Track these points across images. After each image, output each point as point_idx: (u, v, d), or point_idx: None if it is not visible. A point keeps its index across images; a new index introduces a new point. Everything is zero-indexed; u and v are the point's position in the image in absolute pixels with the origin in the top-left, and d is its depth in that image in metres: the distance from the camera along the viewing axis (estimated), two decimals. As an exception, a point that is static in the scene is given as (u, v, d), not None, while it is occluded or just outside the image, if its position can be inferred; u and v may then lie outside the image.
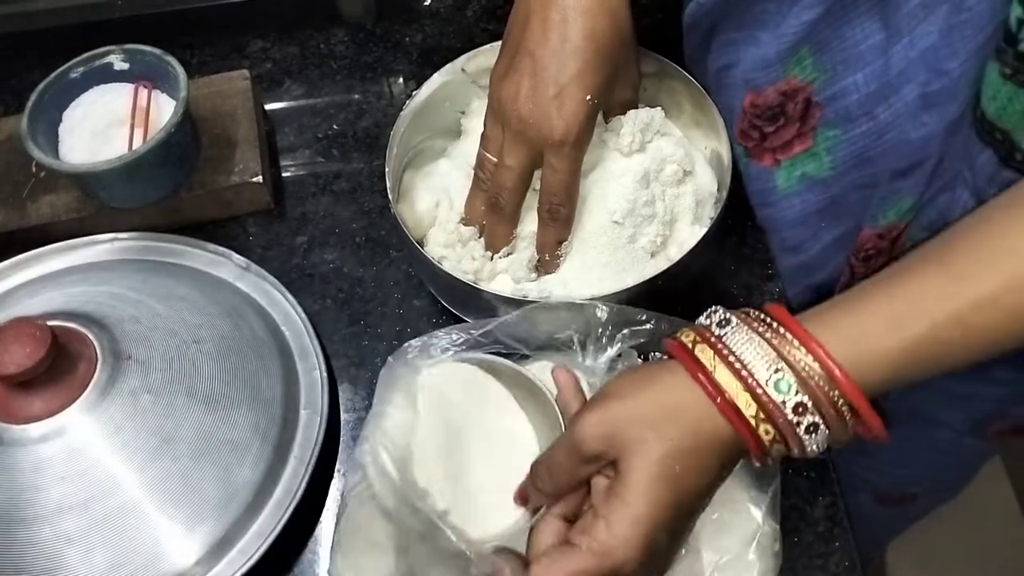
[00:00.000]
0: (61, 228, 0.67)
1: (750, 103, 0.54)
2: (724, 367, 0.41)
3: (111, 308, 0.57)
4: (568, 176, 0.54)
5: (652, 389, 0.43)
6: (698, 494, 0.42)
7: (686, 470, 0.41)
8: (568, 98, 0.52)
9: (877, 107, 0.48)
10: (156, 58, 0.66)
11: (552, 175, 0.54)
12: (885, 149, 0.48)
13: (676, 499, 0.41)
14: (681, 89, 0.64)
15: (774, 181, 0.55)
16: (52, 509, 0.50)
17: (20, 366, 0.49)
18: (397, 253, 0.68)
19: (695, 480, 0.41)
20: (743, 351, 0.41)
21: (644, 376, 0.44)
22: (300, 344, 0.61)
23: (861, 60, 0.48)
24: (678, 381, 0.42)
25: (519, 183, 0.56)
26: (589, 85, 0.52)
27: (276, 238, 0.70)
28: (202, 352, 0.56)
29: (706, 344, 0.42)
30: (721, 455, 0.42)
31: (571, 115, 0.52)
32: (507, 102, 0.54)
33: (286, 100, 0.78)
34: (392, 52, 0.80)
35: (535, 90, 0.53)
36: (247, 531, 0.53)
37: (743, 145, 0.57)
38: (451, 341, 0.55)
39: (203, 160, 0.69)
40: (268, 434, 0.55)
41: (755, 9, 0.52)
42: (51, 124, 0.66)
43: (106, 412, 0.52)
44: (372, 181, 0.72)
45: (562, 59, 0.52)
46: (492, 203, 0.57)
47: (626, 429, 0.41)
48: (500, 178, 0.56)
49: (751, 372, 0.40)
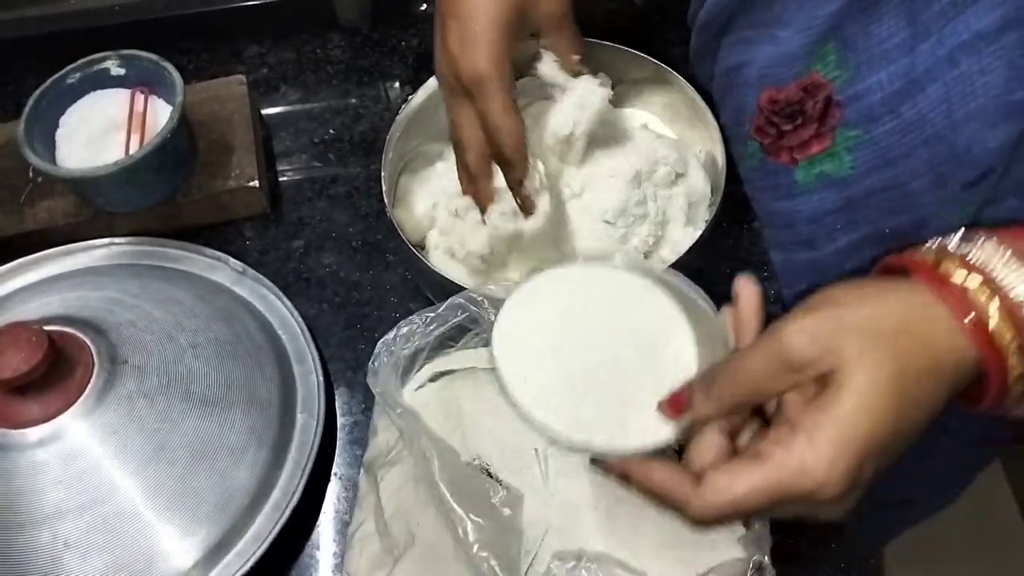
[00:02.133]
0: (58, 233, 0.67)
1: (768, 99, 0.53)
2: (976, 279, 0.37)
3: (108, 313, 0.57)
4: (496, 115, 0.54)
5: (882, 300, 0.38)
6: (918, 425, 0.37)
7: (914, 395, 0.36)
8: (472, 39, 0.53)
9: (902, 105, 0.47)
10: (153, 63, 0.67)
11: (484, 117, 0.54)
12: (909, 150, 0.48)
13: (897, 426, 0.36)
14: (676, 92, 0.64)
15: (793, 176, 0.54)
16: (49, 513, 0.51)
17: (17, 371, 0.49)
18: (393, 257, 0.68)
19: (921, 407, 0.37)
20: (994, 265, 0.37)
21: (870, 286, 0.39)
22: (296, 348, 0.61)
23: (885, 58, 0.47)
24: (914, 294, 0.38)
25: (465, 135, 0.56)
26: (493, 18, 0.53)
27: (273, 242, 0.70)
28: (199, 356, 0.56)
29: (950, 260, 0.38)
30: (953, 383, 0.37)
31: (477, 55, 0.53)
32: (442, 67, 0.55)
33: (282, 105, 0.78)
34: (388, 57, 0.80)
35: (449, 45, 0.54)
36: (244, 534, 0.53)
37: (758, 141, 0.56)
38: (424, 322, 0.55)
39: (200, 165, 0.69)
40: (265, 438, 0.55)
41: (775, 7, 0.51)
42: (48, 129, 0.66)
43: (103, 416, 0.52)
44: (368, 185, 0.72)
45: (468, 7, 0.53)
46: (463, 165, 0.58)
47: (848, 338, 0.36)
48: (454, 138, 0.56)
49: (1006, 288, 0.36)
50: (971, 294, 0.37)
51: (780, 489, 0.36)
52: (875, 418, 0.36)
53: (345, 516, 0.57)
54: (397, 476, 0.53)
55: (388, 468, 0.54)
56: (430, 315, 0.55)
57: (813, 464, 0.35)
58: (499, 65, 0.54)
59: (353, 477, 0.58)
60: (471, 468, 0.52)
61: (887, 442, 0.36)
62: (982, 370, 0.37)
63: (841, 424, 0.36)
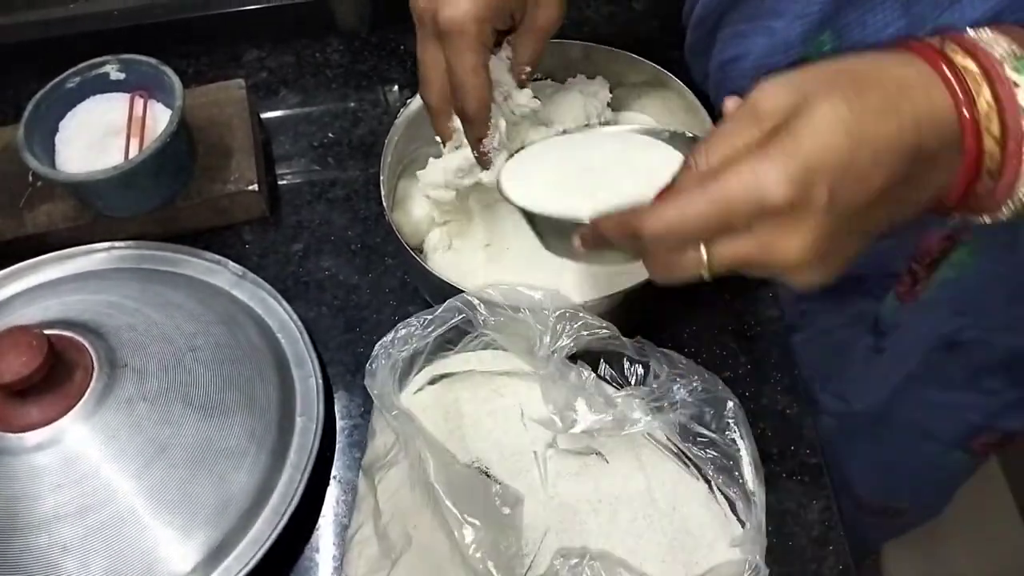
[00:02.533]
0: (58, 237, 0.67)
1: None
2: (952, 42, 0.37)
3: (108, 316, 0.57)
4: (462, 69, 0.52)
5: (857, 57, 0.38)
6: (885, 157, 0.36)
7: (879, 117, 0.35)
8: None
9: None
10: (152, 68, 0.67)
11: (452, 70, 0.52)
12: None
13: (853, 144, 0.35)
14: (674, 96, 0.64)
15: None
16: (49, 517, 0.51)
17: (17, 374, 0.49)
18: (392, 260, 0.68)
19: (887, 135, 0.36)
20: (980, 34, 0.37)
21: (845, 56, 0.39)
22: (296, 351, 0.61)
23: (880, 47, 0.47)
24: (892, 54, 0.38)
25: (429, 75, 0.54)
26: None
27: (272, 246, 0.70)
28: (198, 360, 0.57)
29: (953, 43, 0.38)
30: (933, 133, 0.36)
31: (458, 3, 0.50)
32: (418, 6, 0.52)
33: (282, 109, 0.78)
34: (387, 60, 0.80)
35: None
36: (243, 538, 0.53)
37: None
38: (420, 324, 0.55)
39: (199, 169, 0.69)
40: (264, 441, 0.56)
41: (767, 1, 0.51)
42: (48, 134, 0.66)
43: (102, 420, 0.52)
44: (367, 189, 0.72)
45: None
46: (423, 98, 0.55)
47: (818, 78, 0.36)
48: (419, 71, 0.54)
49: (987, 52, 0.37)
50: (946, 48, 0.37)
51: (726, 196, 0.35)
52: (823, 136, 0.35)
53: (344, 519, 0.57)
54: (394, 478, 0.53)
55: (385, 471, 0.54)
56: (428, 317, 0.55)
57: (755, 168, 0.35)
58: (479, 20, 0.51)
59: (352, 480, 0.58)
60: (468, 470, 0.53)
61: (840, 161, 0.35)
62: (955, 113, 0.36)
63: (786, 141, 0.35)
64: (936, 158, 0.37)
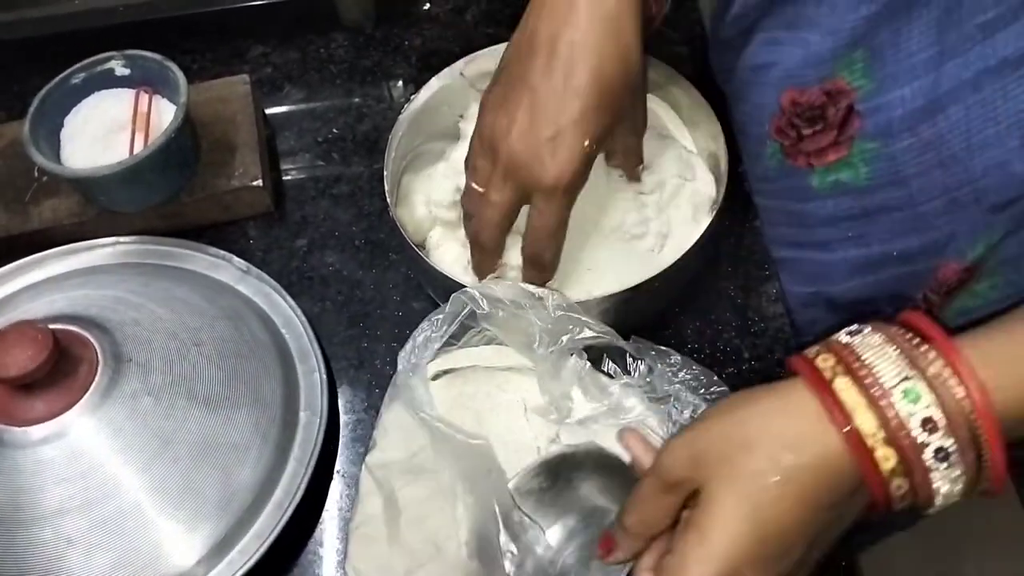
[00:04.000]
0: (63, 232, 0.67)
1: (790, 101, 0.53)
2: (845, 376, 0.37)
3: (112, 311, 0.57)
4: (555, 222, 0.51)
5: (750, 407, 0.39)
6: (794, 531, 0.37)
7: (778, 498, 0.36)
8: (564, 142, 0.49)
9: (921, 124, 0.46)
10: (157, 64, 0.67)
11: (538, 219, 0.51)
12: (923, 170, 0.47)
13: (761, 534, 0.37)
14: (681, 93, 0.64)
15: (809, 180, 0.54)
16: (53, 511, 0.51)
17: (22, 369, 0.49)
18: (396, 256, 0.69)
19: (789, 512, 0.37)
20: (871, 357, 0.37)
21: (744, 396, 0.40)
22: (300, 346, 0.61)
23: (911, 73, 0.46)
24: (786, 397, 0.38)
25: (502, 220, 0.53)
26: (589, 130, 0.49)
27: (276, 241, 0.70)
28: (202, 355, 0.57)
29: (830, 353, 0.38)
30: (831, 487, 0.37)
31: (565, 161, 0.49)
32: (499, 135, 0.50)
33: (286, 104, 0.78)
34: (391, 56, 0.80)
35: (531, 128, 0.49)
36: (247, 532, 0.53)
37: (779, 141, 0.56)
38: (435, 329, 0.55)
39: (203, 164, 0.69)
40: (268, 436, 0.56)
41: (808, 8, 0.51)
42: (53, 129, 0.66)
43: (107, 414, 0.53)
44: (371, 184, 0.72)
45: (563, 99, 0.48)
46: (474, 237, 0.55)
47: (711, 450, 0.38)
48: (484, 213, 0.53)
49: (877, 378, 0.36)
50: (837, 386, 0.37)
51: None
52: (733, 531, 0.37)
53: (347, 514, 0.57)
54: (423, 487, 0.53)
55: (411, 476, 0.53)
56: (439, 317, 0.54)
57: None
58: (584, 178, 0.50)
59: (356, 475, 0.58)
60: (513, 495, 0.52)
61: (753, 552, 0.37)
62: (857, 467, 0.37)
63: (704, 542, 0.37)
64: (844, 502, 0.38)
